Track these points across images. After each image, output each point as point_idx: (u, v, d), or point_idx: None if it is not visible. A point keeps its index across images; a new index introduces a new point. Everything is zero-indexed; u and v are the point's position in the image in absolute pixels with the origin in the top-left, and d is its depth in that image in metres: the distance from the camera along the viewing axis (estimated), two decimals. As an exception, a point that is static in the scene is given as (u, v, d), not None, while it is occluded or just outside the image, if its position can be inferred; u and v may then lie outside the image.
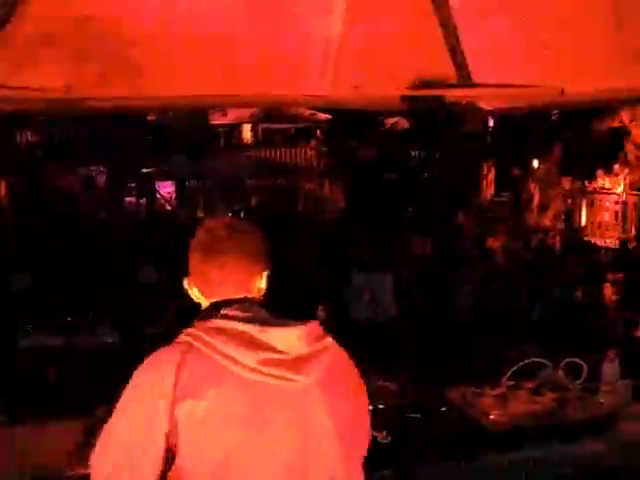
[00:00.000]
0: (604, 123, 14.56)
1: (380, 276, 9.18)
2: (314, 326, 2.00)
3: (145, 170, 19.11)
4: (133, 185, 20.17)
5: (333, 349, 2.02)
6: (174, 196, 21.96)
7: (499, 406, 3.58)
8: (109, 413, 3.17)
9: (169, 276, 9.82)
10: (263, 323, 1.92)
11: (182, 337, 1.94)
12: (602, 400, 3.69)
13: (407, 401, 3.62)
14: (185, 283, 2.12)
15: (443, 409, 3.61)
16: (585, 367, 3.82)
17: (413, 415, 3.46)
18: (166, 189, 21.77)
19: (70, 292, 8.37)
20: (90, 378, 5.83)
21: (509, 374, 3.87)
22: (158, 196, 20.98)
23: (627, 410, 3.60)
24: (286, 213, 16.77)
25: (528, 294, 9.49)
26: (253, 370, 1.85)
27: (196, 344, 1.88)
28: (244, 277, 2.06)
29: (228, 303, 2.00)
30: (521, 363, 3.87)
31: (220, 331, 1.89)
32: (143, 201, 20.32)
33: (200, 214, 20.03)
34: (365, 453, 2.11)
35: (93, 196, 17.14)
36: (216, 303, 2.03)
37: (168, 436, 1.83)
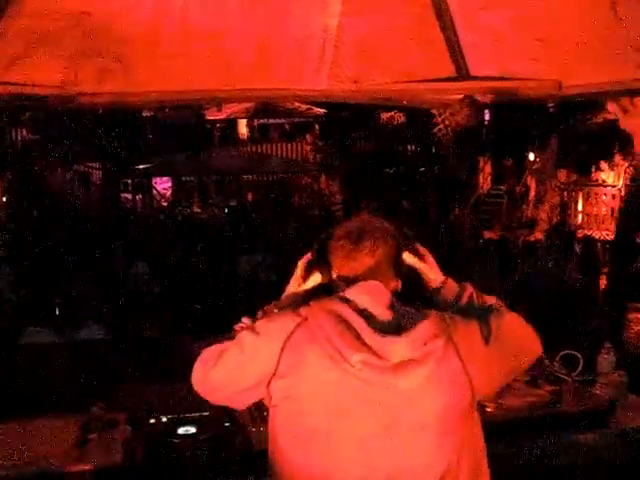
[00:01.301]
0: (600, 116, 14.58)
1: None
2: (427, 327, 1.98)
3: (141, 166, 19.09)
4: (129, 181, 20.18)
5: (440, 352, 1.97)
6: (170, 192, 21.97)
7: (495, 399, 3.58)
8: (105, 409, 3.19)
9: (163, 271, 9.85)
10: (374, 322, 1.95)
11: (302, 310, 2.02)
12: (598, 391, 3.69)
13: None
14: (323, 273, 2.18)
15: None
16: (581, 359, 3.82)
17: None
18: (162, 185, 21.78)
19: (64, 287, 8.36)
20: (86, 374, 5.83)
21: (506, 366, 3.87)
22: (154, 192, 20.98)
23: (623, 401, 3.61)
24: (282, 208, 16.75)
25: (522, 285, 9.51)
26: (352, 366, 1.90)
27: (310, 320, 1.97)
28: (384, 268, 2.10)
29: (355, 281, 2.05)
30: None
31: (333, 315, 1.95)
32: (139, 197, 20.32)
33: (196, 209, 20.04)
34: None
35: (89, 192, 17.12)
36: (346, 279, 2.09)
37: (264, 378, 1.96)
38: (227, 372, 2.03)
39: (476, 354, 2.05)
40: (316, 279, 2.22)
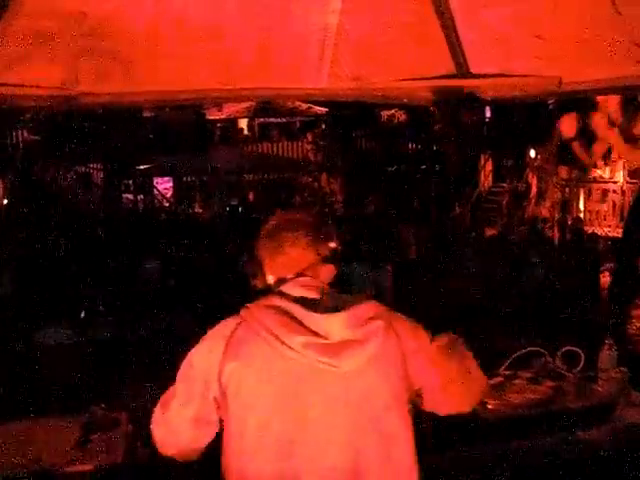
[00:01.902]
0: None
1: (380, 268, 9.20)
2: (365, 309, 2.07)
3: (142, 167, 19.10)
4: (130, 182, 20.18)
5: (381, 334, 2.05)
6: (171, 192, 21.97)
7: (497, 395, 3.58)
8: (105, 409, 3.20)
9: (168, 271, 9.86)
10: (311, 305, 2.02)
11: (241, 311, 2.08)
12: (600, 388, 3.70)
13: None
14: (254, 275, 2.24)
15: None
16: (582, 355, 3.82)
17: (410, 405, 3.46)
18: (163, 185, 21.78)
19: (67, 288, 8.38)
20: (86, 374, 5.84)
21: (507, 363, 3.87)
22: (155, 192, 20.98)
23: (624, 397, 3.61)
24: (283, 207, 16.74)
25: (525, 283, 9.51)
26: (295, 351, 1.96)
27: (249, 319, 2.03)
28: (311, 257, 2.16)
29: (290, 280, 2.13)
30: (519, 352, 3.87)
31: (271, 308, 2.03)
32: (140, 197, 20.32)
33: (198, 209, 20.05)
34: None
35: (90, 193, 17.12)
36: (279, 280, 2.16)
37: (213, 389, 2.03)
38: (179, 398, 2.11)
39: (421, 352, 2.16)
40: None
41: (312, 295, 2.07)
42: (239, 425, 2.01)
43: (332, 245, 2.21)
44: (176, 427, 2.13)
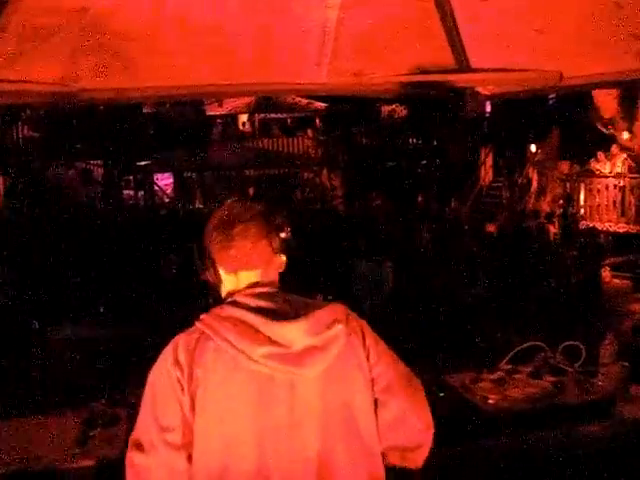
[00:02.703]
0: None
1: (380, 263, 9.21)
2: (325, 313, 2.03)
3: (143, 163, 19.10)
4: (131, 178, 20.18)
5: (343, 336, 2.03)
6: (172, 188, 21.98)
7: (498, 390, 3.59)
8: (106, 406, 3.19)
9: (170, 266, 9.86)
10: (270, 314, 1.98)
11: (197, 323, 2.03)
12: (600, 382, 3.70)
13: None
14: (203, 268, 2.19)
15: (442, 394, 3.62)
16: (583, 350, 3.83)
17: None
18: (164, 181, 21.78)
19: (69, 286, 8.39)
20: (89, 370, 5.86)
21: (507, 358, 3.88)
22: (156, 188, 20.98)
23: (625, 392, 3.61)
24: (284, 202, 16.75)
25: (527, 278, 9.51)
26: (257, 362, 1.93)
27: (207, 331, 1.98)
28: (262, 248, 2.12)
29: (243, 290, 2.09)
30: (520, 347, 3.88)
31: (228, 320, 1.98)
32: (141, 194, 20.33)
33: (199, 205, 20.05)
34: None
35: (90, 189, 17.12)
36: (232, 292, 2.11)
37: (186, 406, 1.95)
38: (158, 425, 1.98)
39: (382, 356, 2.13)
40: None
41: (269, 304, 2.03)
42: (205, 441, 1.96)
43: (283, 235, 2.18)
44: (166, 462, 1.98)
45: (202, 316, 2.04)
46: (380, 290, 8.78)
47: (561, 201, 14.84)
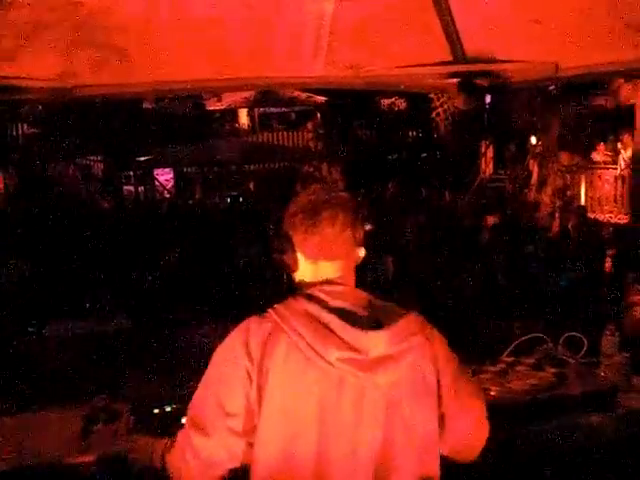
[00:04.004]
0: (600, 98, 14.52)
1: (381, 257, 9.21)
2: (407, 324, 2.01)
3: (143, 158, 19.10)
4: (131, 173, 20.18)
5: (419, 348, 2.01)
6: (173, 183, 21.98)
7: (499, 382, 3.58)
8: (107, 401, 3.19)
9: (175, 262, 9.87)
10: (350, 318, 1.95)
11: (270, 313, 2.00)
12: (602, 374, 3.70)
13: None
14: (281, 251, 2.12)
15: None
16: (585, 341, 3.82)
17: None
18: (164, 176, 21.77)
19: (69, 281, 8.39)
20: (89, 365, 5.86)
21: (509, 350, 3.87)
22: (156, 184, 20.99)
23: (627, 383, 3.61)
24: (284, 196, 16.74)
25: (529, 270, 9.52)
26: (332, 365, 1.90)
27: (281, 324, 1.95)
28: (346, 238, 2.07)
29: (319, 285, 2.04)
30: (521, 338, 3.87)
31: (305, 316, 1.95)
32: (141, 189, 20.33)
33: (198, 199, 20.04)
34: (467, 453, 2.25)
35: (90, 185, 17.14)
36: (309, 283, 2.07)
37: (253, 394, 1.93)
38: (221, 407, 1.97)
39: (449, 368, 2.10)
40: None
41: (347, 305, 1.99)
42: (268, 434, 1.95)
43: (367, 227, 2.14)
44: (224, 445, 1.98)
45: (276, 306, 2.00)
46: (379, 283, 8.77)
47: (562, 193, 14.82)
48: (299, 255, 2.08)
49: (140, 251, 10.20)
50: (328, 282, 2.05)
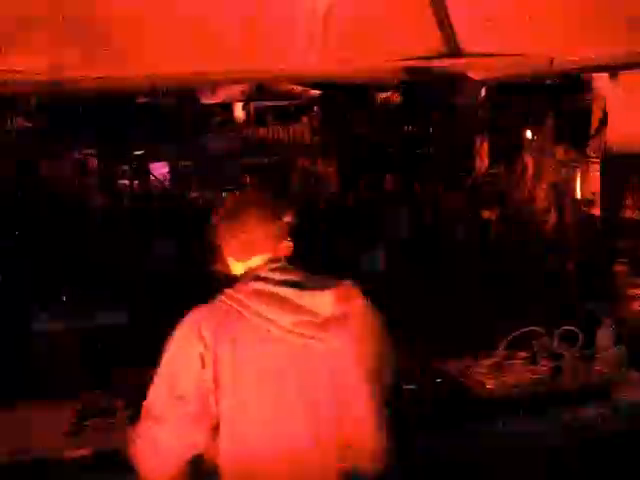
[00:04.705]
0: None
1: (373, 250, 9.22)
2: (346, 287, 2.15)
3: (137, 152, 19.05)
4: (126, 167, 20.12)
5: (362, 308, 2.17)
6: (168, 177, 21.92)
7: (495, 375, 3.59)
8: (101, 396, 3.20)
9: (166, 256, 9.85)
10: (297, 286, 2.07)
11: (221, 298, 2.09)
12: (598, 367, 3.70)
13: (402, 373, 3.63)
14: (216, 257, 2.25)
15: (439, 380, 3.62)
16: (581, 335, 3.82)
17: (408, 386, 3.47)
18: (159, 170, 21.71)
19: (63, 274, 8.38)
20: (83, 361, 5.85)
21: (505, 343, 3.87)
22: (152, 177, 20.93)
23: (623, 377, 3.61)
24: (280, 191, 16.74)
25: (523, 263, 9.52)
26: (287, 331, 2.01)
27: (233, 304, 2.04)
28: (269, 233, 2.19)
29: (262, 266, 2.15)
30: (517, 332, 3.87)
31: (257, 293, 2.05)
32: (136, 183, 20.27)
33: (194, 194, 20.01)
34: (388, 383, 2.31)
35: (86, 179, 17.07)
36: (252, 268, 2.17)
37: (208, 378, 1.99)
38: (173, 394, 2.01)
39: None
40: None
41: (293, 277, 2.10)
42: (237, 410, 2.01)
43: (288, 220, 2.24)
44: (178, 433, 2.01)
45: (227, 291, 2.09)
46: (371, 277, 8.77)
47: (557, 187, 14.81)
48: (230, 259, 2.22)
49: (135, 245, 10.19)
50: (266, 263, 2.16)
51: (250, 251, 2.17)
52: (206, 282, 2.25)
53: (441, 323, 6.67)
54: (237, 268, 2.21)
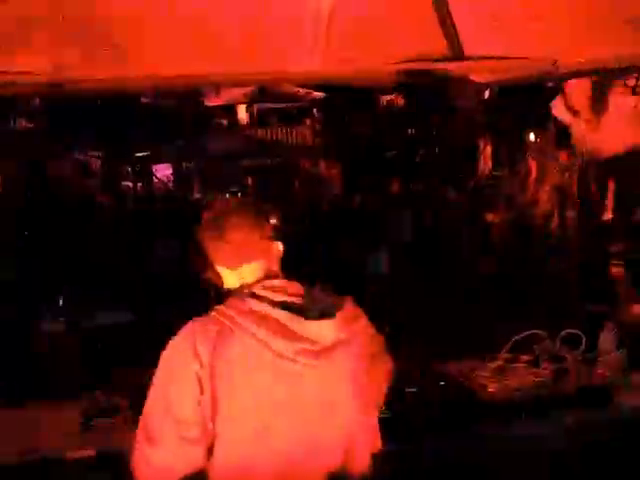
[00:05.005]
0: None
1: (376, 252, 9.22)
2: (348, 308, 2.09)
3: (140, 154, 19.06)
4: (129, 169, 20.14)
5: (363, 330, 2.12)
6: (171, 179, 21.94)
7: (497, 379, 3.58)
8: (106, 396, 3.19)
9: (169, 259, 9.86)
10: (297, 310, 1.99)
11: (214, 314, 2.02)
12: (600, 370, 3.69)
13: (404, 376, 3.62)
14: (206, 270, 2.19)
15: (442, 383, 3.61)
16: (584, 338, 3.82)
17: (411, 390, 3.46)
18: (162, 172, 21.73)
19: (70, 274, 8.40)
20: (87, 360, 5.86)
21: (507, 346, 3.87)
22: (155, 179, 20.95)
23: (625, 380, 3.61)
24: (283, 193, 16.75)
25: (527, 266, 9.51)
26: (287, 359, 1.94)
27: (228, 324, 1.96)
28: (256, 237, 2.13)
29: (256, 283, 2.08)
30: (519, 335, 3.87)
31: (253, 314, 1.97)
32: (140, 185, 20.29)
33: (197, 195, 20.03)
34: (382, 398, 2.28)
35: (89, 180, 17.10)
36: (243, 285, 2.11)
37: (205, 398, 1.92)
38: (172, 414, 1.94)
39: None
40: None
41: (291, 298, 2.03)
42: (231, 434, 1.95)
43: (273, 222, 2.19)
44: (173, 453, 1.95)
45: (220, 307, 2.03)
46: (375, 280, 8.79)
47: (561, 189, 14.80)
48: (219, 268, 2.16)
49: (137, 246, 10.20)
50: (262, 279, 2.10)
51: (239, 258, 2.11)
52: (208, 284, 2.24)
53: (443, 325, 6.68)
54: (229, 277, 2.15)
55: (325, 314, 2.02)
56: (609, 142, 5.86)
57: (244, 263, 2.11)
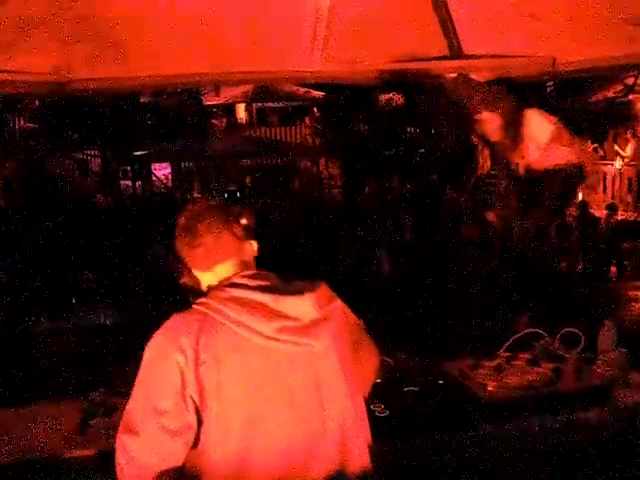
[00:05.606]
0: (599, 94, 14.50)
1: (376, 251, 9.21)
2: (323, 289, 2.14)
3: (140, 153, 19.05)
4: (128, 168, 20.14)
5: (340, 310, 2.17)
6: (170, 177, 21.94)
7: (496, 377, 3.58)
8: (105, 395, 3.19)
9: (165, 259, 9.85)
10: (275, 291, 2.04)
11: (196, 307, 2.04)
12: (599, 369, 3.69)
13: (404, 374, 3.63)
14: (182, 271, 2.23)
15: (440, 382, 3.62)
16: (582, 337, 3.82)
17: (410, 388, 3.47)
18: (161, 171, 21.73)
19: (67, 275, 8.39)
20: (86, 360, 5.85)
21: (506, 345, 3.87)
22: (154, 178, 20.95)
23: (624, 379, 3.61)
24: (281, 191, 16.74)
25: (526, 265, 9.49)
26: (270, 338, 1.98)
27: (211, 314, 1.99)
28: (227, 238, 2.17)
29: (233, 276, 2.12)
30: (518, 334, 3.87)
31: (234, 301, 2.01)
32: (139, 184, 20.29)
33: (196, 195, 20.03)
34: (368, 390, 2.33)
35: (88, 180, 17.11)
36: (221, 280, 2.13)
37: (188, 391, 1.93)
38: (153, 407, 1.96)
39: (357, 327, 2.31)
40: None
41: (268, 282, 2.09)
42: (224, 423, 1.96)
43: (244, 222, 2.22)
44: (151, 445, 1.95)
45: (201, 299, 2.05)
46: (375, 278, 8.78)
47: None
48: (195, 271, 2.20)
49: (137, 245, 10.19)
50: (237, 272, 2.14)
51: (211, 259, 2.15)
52: (185, 289, 2.26)
53: (443, 324, 6.67)
54: (205, 279, 2.19)
55: (301, 293, 2.07)
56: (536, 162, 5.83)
57: (217, 264, 2.15)
